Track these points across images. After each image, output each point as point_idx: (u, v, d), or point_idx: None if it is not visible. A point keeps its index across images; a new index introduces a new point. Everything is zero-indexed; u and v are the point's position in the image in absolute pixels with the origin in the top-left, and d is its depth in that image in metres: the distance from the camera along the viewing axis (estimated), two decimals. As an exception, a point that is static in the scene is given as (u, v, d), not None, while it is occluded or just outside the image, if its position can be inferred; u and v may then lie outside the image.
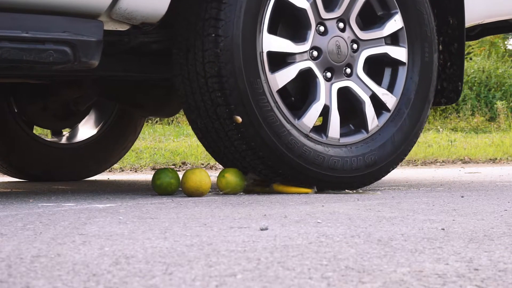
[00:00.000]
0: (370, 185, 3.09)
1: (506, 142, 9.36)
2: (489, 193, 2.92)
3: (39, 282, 1.06)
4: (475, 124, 11.78)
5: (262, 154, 2.67)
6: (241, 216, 1.94)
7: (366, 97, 2.89)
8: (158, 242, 1.45)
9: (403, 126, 2.96)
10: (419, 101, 3.00)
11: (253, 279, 1.09)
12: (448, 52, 3.24)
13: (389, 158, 2.92)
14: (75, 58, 2.33)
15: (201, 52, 2.61)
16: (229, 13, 2.58)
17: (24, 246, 1.39)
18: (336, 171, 2.79)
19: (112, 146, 4.15)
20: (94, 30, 2.38)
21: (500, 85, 12.99)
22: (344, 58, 2.83)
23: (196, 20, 2.63)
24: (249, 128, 2.63)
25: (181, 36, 2.68)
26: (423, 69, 3.00)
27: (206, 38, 2.60)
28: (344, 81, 2.85)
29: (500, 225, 1.77)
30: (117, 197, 2.65)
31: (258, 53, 2.64)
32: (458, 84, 3.23)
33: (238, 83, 2.59)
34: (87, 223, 1.77)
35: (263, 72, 2.65)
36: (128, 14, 2.44)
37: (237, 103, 2.60)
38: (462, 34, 3.19)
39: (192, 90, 2.67)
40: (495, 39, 14.63)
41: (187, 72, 2.67)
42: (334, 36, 2.81)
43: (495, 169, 6.16)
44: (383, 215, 1.97)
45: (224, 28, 2.58)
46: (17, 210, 2.13)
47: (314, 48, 2.78)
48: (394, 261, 1.25)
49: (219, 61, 2.58)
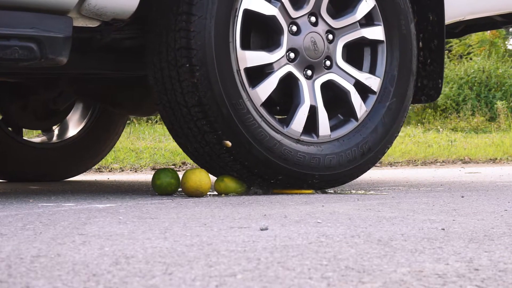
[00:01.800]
0: (371, 186, 3.09)
1: (506, 142, 9.36)
2: (489, 193, 2.92)
3: (39, 282, 1.05)
4: (475, 124, 11.77)
5: (257, 171, 2.67)
6: (241, 216, 1.94)
7: (350, 86, 2.85)
8: (158, 242, 1.45)
9: (392, 105, 2.93)
10: (404, 75, 2.96)
11: (253, 279, 1.09)
12: (428, 49, 3.19)
13: (383, 140, 2.90)
14: (42, 55, 2.29)
15: (178, 82, 2.57)
16: (199, 40, 2.53)
17: (24, 246, 1.39)
18: (334, 169, 2.78)
19: (92, 147, 4.10)
20: (63, 27, 2.33)
21: (500, 85, 12.99)
22: (321, 52, 2.79)
23: (167, 51, 2.58)
24: (240, 149, 2.61)
25: (155, 66, 2.64)
26: (402, 42, 2.96)
27: (181, 68, 2.55)
28: (325, 75, 2.81)
29: (500, 225, 1.77)
30: (117, 197, 2.65)
31: (235, 72, 2.59)
32: (438, 82, 3.19)
33: (221, 109, 2.55)
34: (87, 223, 1.77)
35: (244, 90, 2.61)
36: (98, 10, 2.40)
37: (224, 128, 2.58)
38: (442, 30, 3.14)
39: (176, 118, 2.64)
40: (495, 39, 14.62)
41: (168, 101, 2.63)
42: (308, 33, 2.76)
43: (495, 169, 6.16)
44: (383, 215, 1.97)
45: (197, 57, 2.52)
46: (17, 210, 2.13)
47: (290, 50, 2.73)
48: (394, 261, 1.25)
49: (198, 90, 2.54)
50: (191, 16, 2.53)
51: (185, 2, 2.55)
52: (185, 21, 2.54)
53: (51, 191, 3.13)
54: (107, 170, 5.53)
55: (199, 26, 2.53)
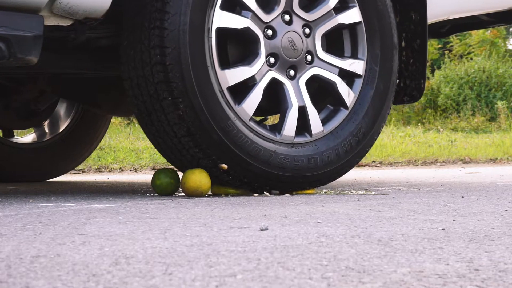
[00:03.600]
0: (371, 186, 3.09)
1: (506, 142, 9.36)
2: (489, 193, 2.92)
3: (38, 283, 1.05)
4: (476, 124, 11.78)
5: (258, 185, 2.68)
6: (241, 216, 1.94)
7: (335, 76, 2.81)
8: (158, 242, 1.45)
9: (379, 84, 2.89)
10: (386, 51, 2.91)
11: (253, 279, 1.09)
12: (410, 49, 3.14)
13: (376, 121, 2.88)
14: (10, 54, 2.24)
15: (163, 115, 2.53)
16: (178, 72, 2.48)
17: (23, 246, 1.39)
18: (332, 164, 2.77)
19: (74, 148, 4.06)
20: (33, 25, 2.29)
21: (500, 85, 12.99)
22: (301, 50, 2.74)
23: (146, 85, 2.54)
24: (237, 168, 2.61)
25: (137, 99, 2.59)
26: (380, 17, 2.90)
27: (164, 101, 2.51)
28: (309, 71, 2.77)
29: (500, 225, 1.77)
30: (117, 197, 2.65)
31: (218, 94, 2.55)
32: (421, 82, 3.14)
33: (211, 135, 2.53)
34: (86, 223, 1.77)
35: (231, 109, 2.58)
36: (70, 9, 2.36)
37: (218, 153, 2.57)
38: (425, 30, 3.09)
39: (168, 147, 2.62)
40: (496, 39, 14.62)
41: (157, 131, 2.60)
42: (284, 33, 2.71)
43: (496, 169, 6.16)
44: (383, 215, 1.97)
45: (178, 89, 2.48)
46: (16, 210, 2.13)
47: (270, 55, 2.68)
48: (394, 261, 1.24)
49: (185, 121, 2.51)
50: (165, 49, 2.48)
51: (155, 35, 2.49)
52: (159, 54, 2.49)
53: (51, 191, 3.13)
54: (107, 170, 5.53)
55: (175, 58, 2.48)
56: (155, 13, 2.49)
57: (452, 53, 14.86)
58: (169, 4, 2.48)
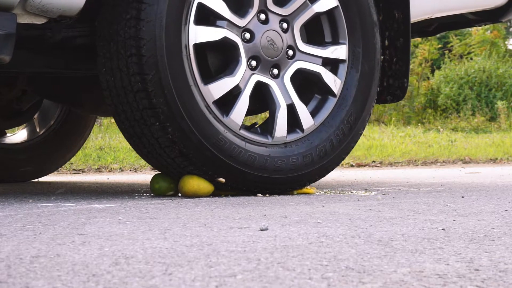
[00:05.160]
0: (371, 186, 3.09)
1: (506, 142, 9.37)
2: (489, 193, 2.92)
3: (38, 283, 1.05)
4: (476, 124, 11.77)
5: (258, 190, 2.68)
6: (241, 217, 1.94)
7: (319, 67, 2.79)
8: (158, 242, 1.45)
9: (364, 66, 2.86)
10: (367, 30, 2.86)
11: (253, 279, 1.09)
12: (394, 48, 3.10)
13: (366, 103, 2.85)
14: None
15: (154, 139, 2.52)
16: (161, 98, 2.44)
17: (23, 247, 1.38)
18: (326, 157, 2.76)
19: (56, 149, 4.03)
20: (6, 23, 2.24)
21: (500, 85, 12.99)
22: (281, 47, 2.70)
23: (132, 112, 2.52)
24: (235, 179, 2.61)
25: (123, 123, 2.57)
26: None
27: (152, 127, 2.49)
28: (292, 66, 2.74)
29: (500, 225, 1.77)
30: (117, 197, 2.65)
31: (205, 110, 2.52)
32: (404, 81, 3.10)
33: (205, 153, 2.52)
34: (86, 223, 1.77)
35: (220, 122, 2.56)
36: (44, 7, 2.32)
37: (214, 168, 2.56)
38: (408, 29, 3.05)
39: (163, 165, 2.61)
40: (496, 39, 14.62)
41: (149, 152, 2.59)
42: (262, 33, 2.67)
43: (496, 169, 6.16)
44: (383, 216, 1.97)
45: (164, 114, 2.45)
46: (16, 211, 2.13)
47: (251, 59, 2.65)
48: (394, 261, 1.24)
49: (176, 144, 2.50)
50: (145, 76, 2.44)
51: (133, 62, 2.45)
52: (140, 81, 2.45)
53: (51, 191, 3.13)
54: (107, 170, 5.53)
55: (156, 83, 2.43)
56: (129, 40, 2.44)
57: (452, 53, 14.86)
58: (143, 30, 2.43)
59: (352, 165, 6.76)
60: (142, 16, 2.43)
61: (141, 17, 2.43)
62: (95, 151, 6.27)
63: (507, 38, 16.20)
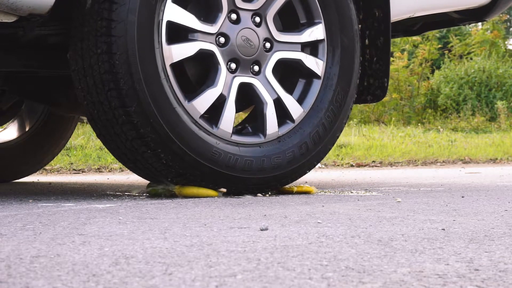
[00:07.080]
0: (371, 186, 3.09)
1: (506, 142, 9.37)
2: (489, 193, 2.92)
3: (38, 283, 1.05)
4: (476, 124, 11.78)
5: (259, 192, 2.69)
6: (241, 217, 1.94)
7: (299, 53, 2.76)
8: (158, 242, 1.45)
9: (343, 41, 2.81)
10: (340, 2, 2.80)
11: (253, 279, 1.09)
12: (374, 47, 3.07)
13: (351, 78, 2.82)
14: None
15: (151, 166, 2.51)
16: (147, 126, 2.40)
17: (23, 247, 1.38)
18: (321, 141, 2.75)
19: (37, 149, 4.00)
20: None
21: (500, 85, 12.99)
22: (257, 43, 2.67)
23: (122, 142, 2.48)
24: (236, 186, 2.61)
25: (123, 155, 2.55)
26: None
27: (144, 154, 2.47)
28: (272, 59, 2.70)
29: (500, 225, 1.77)
30: (117, 197, 2.65)
31: (194, 126, 2.49)
32: (384, 81, 3.07)
33: (202, 169, 2.51)
34: (86, 223, 1.77)
35: (211, 135, 2.53)
36: (13, 5, 2.28)
37: (215, 181, 2.56)
38: (388, 28, 3.02)
39: (163, 183, 2.60)
40: (496, 39, 14.62)
41: (146, 174, 2.59)
42: (236, 34, 2.63)
43: (496, 169, 6.16)
44: (383, 216, 1.97)
45: (154, 141, 2.42)
46: (16, 210, 2.13)
47: (230, 61, 2.61)
48: (394, 261, 1.24)
49: (172, 167, 2.48)
50: (128, 108, 2.40)
51: (113, 96, 2.40)
52: (123, 114, 2.41)
53: (51, 191, 3.13)
54: (107, 170, 5.53)
55: (141, 114, 2.39)
56: (105, 75, 2.39)
57: (452, 53, 14.86)
58: (116, 63, 2.37)
59: (352, 165, 6.76)
60: (113, 50, 2.37)
61: (112, 51, 2.38)
62: (95, 151, 6.27)
63: (507, 38, 16.21)
